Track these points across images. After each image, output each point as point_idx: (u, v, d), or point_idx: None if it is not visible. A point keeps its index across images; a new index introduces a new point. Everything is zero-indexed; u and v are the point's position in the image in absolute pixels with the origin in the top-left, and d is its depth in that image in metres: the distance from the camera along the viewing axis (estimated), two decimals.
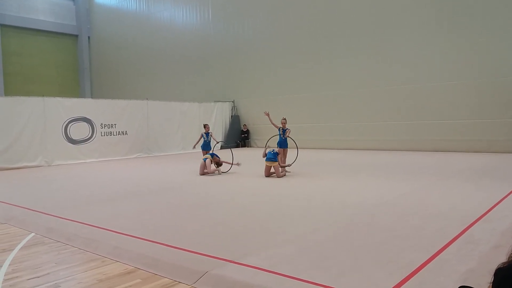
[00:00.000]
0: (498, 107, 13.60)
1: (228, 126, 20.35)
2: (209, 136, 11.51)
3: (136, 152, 16.15)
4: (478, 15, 13.77)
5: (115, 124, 15.50)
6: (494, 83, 13.63)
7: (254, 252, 3.96)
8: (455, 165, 10.79)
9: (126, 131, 15.84)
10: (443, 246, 3.99)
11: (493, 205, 5.79)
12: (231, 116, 20.62)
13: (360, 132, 16.66)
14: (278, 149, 9.68)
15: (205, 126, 11.84)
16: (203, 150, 11.32)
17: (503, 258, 3.61)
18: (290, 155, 10.46)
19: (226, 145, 17.48)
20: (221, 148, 17.55)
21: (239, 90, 20.66)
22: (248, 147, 20.27)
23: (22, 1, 25.82)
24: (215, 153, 10.69)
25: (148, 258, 3.96)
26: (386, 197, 6.58)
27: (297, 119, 17.83)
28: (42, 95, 14.00)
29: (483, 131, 13.92)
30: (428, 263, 3.55)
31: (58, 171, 11.83)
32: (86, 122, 14.64)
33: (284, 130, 10.04)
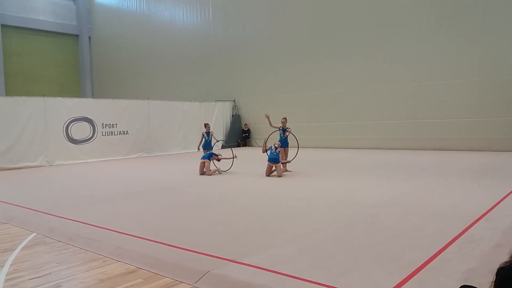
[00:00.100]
0: (498, 106, 13.59)
1: (229, 125, 20.36)
2: (209, 135, 11.54)
3: (137, 152, 16.17)
4: (478, 14, 13.75)
5: (116, 124, 15.51)
6: (495, 82, 13.62)
7: (255, 252, 3.97)
8: (456, 164, 10.78)
9: (127, 131, 15.86)
10: (444, 246, 3.99)
11: (494, 204, 5.79)
12: (232, 115, 20.63)
13: (361, 131, 16.65)
14: (277, 143, 9.63)
15: (205, 125, 11.94)
16: (204, 150, 11.36)
17: (504, 257, 3.61)
18: (291, 154, 10.46)
19: (227, 145, 17.49)
20: (221, 148, 17.56)
21: (240, 90, 20.66)
22: (249, 146, 20.27)
23: (23, 1, 25.85)
24: (214, 152, 10.68)
25: (150, 258, 3.96)
26: (386, 197, 6.58)
27: (298, 118, 17.83)
28: (43, 95, 14.01)
29: (484, 130, 13.91)
30: (429, 262, 3.55)
31: (59, 171, 11.84)
32: (87, 122, 14.66)
33: (284, 130, 10.04)
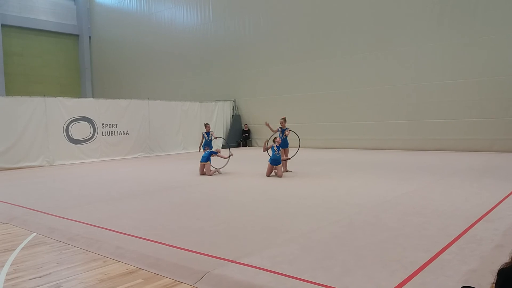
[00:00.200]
0: (500, 106, 13.57)
1: (229, 125, 20.36)
2: (209, 135, 11.57)
3: (137, 151, 16.17)
4: (479, 14, 13.74)
5: (116, 124, 15.51)
6: (495, 82, 13.61)
7: (255, 252, 3.96)
8: (457, 164, 10.78)
9: (127, 131, 15.86)
10: (445, 246, 3.98)
11: (495, 205, 5.78)
12: (232, 115, 20.63)
13: (362, 131, 16.64)
14: (278, 139, 9.60)
15: (206, 125, 11.99)
16: (204, 149, 11.38)
17: (505, 258, 3.60)
18: (291, 154, 10.46)
19: (227, 145, 17.50)
20: (222, 147, 17.56)
21: (240, 90, 20.66)
22: (249, 146, 20.27)
23: (23, 2, 25.87)
24: (212, 150, 10.64)
25: (150, 258, 3.96)
26: (388, 197, 6.57)
27: (299, 119, 17.82)
28: (43, 95, 14.01)
29: (485, 130, 13.89)
30: (430, 262, 3.55)
31: (60, 171, 11.84)
32: (88, 122, 14.65)
33: (283, 130, 10.02)
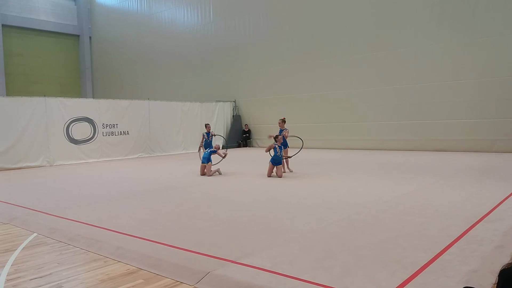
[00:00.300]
0: (500, 107, 13.57)
1: (229, 126, 20.36)
2: (209, 135, 11.58)
3: (137, 152, 16.17)
4: (480, 15, 13.74)
5: (116, 124, 15.51)
6: (496, 83, 13.61)
7: (256, 252, 3.96)
8: (457, 164, 10.78)
9: (127, 131, 15.86)
10: (445, 246, 3.98)
11: (495, 205, 5.78)
12: (233, 116, 20.63)
13: (362, 132, 16.64)
14: (280, 137, 9.60)
15: (206, 126, 12.02)
16: (204, 149, 11.36)
17: (506, 258, 3.60)
18: (293, 153, 10.46)
19: (226, 145, 17.49)
20: (222, 147, 17.54)
21: (241, 90, 20.66)
22: (249, 147, 20.27)
23: (24, 2, 25.89)
24: (212, 150, 10.61)
25: (151, 258, 3.96)
26: (388, 197, 6.57)
27: (299, 119, 17.83)
28: (44, 95, 14.02)
29: (485, 131, 13.89)
30: (431, 263, 3.55)
31: (60, 171, 11.84)
32: (88, 122, 14.66)
33: (281, 130, 10.04)
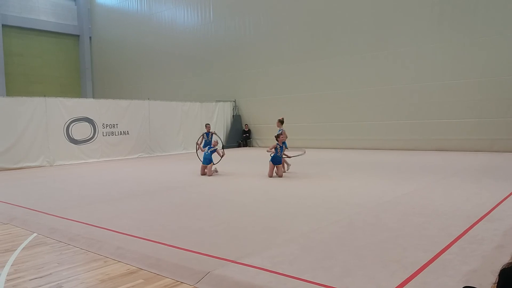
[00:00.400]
0: (500, 106, 13.57)
1: (229, 126, 20.36)
2: (209, 135, 11.59)
3: (137, 152, 16.17)
4: (480, 14, 13.74)
5: (116, 124, 15.51)
6: (496, 82, 13.60)
7: (256, 252, 3.96)
8: (457, 164, 10.77)
9: (127, 131, 15.86)
10: (445, 246, 3.98)
11: (495, 205, 5.78)
12: (233, 116, 20.63)
13: (362, 131, 16.64)
14: (281, 137, 9.58)
15: (206, 125, 12.06)
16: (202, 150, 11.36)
17: (506, 258, 3.60)
18: (292, 155, 10.46)
19: (226, 145, 17.50)
20: (222, 147, 17.53)
21: (241, 90, 20.66)
22: (249, 147, 20.27)
23: (24, 2, 25.89)
24: (212, 149, 10.60)
25: (151, 258, 3.96)
26: (388, 197, 6.57)
27: (299, 119, 17.83)
28: (44, 95, 14.02)
29: (485, 131, 13.89)
30: (431, 263, 3.55)
31: (60, 171, 11.84)
32: (88, 122, 14.66)
33: (279, 131, 10.00)
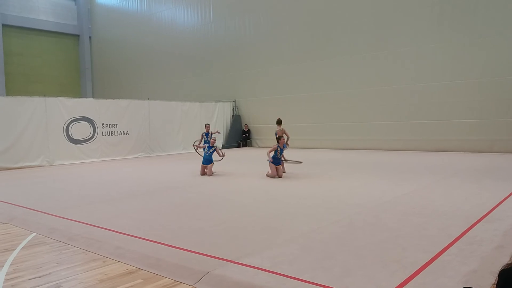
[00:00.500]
0: (500, 107, 13.57)
1: (229, 126, 20.35)
2: (209, 135, 11.59)
3: (137, 152, 16.17)
4: (480, 15, 13.73)
5: (116, 124, 15.51)
6: (496, 83, 13.60)
7: (255, 252, 3.96)
8: (457, 164, 10.77)
9: (127, 131, 15.86)
10: (445, 246, 3.98)
11: (495, 205, 5.78)
12: (233, 116, 20.62)
13: (362, 132, 16.64)
14: (282, 138, 9.59)
15: (206, 126, 12.06)
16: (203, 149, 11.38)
17: (506, 259, 3.60)
18: (293, 155, 10.45)
19: (226, 145, 17.50)
20: (222, 147, 17.56)
21: (241, 90, 20.66)
22: (249, 147, 20.26)
23: (24, 2, 25.88)
24: (213, 149, 10.57)
25: (150, 258, 3.95)
26: (388, 197, 6.56)
27: (299, 119, 17.82)
28: (44, 95, 14.01)
29: (485, 131, 13.88)
30: (430, 263, 3.54)
31: (60, 171, 11.84)
32: (88, 122, 14.65)
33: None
